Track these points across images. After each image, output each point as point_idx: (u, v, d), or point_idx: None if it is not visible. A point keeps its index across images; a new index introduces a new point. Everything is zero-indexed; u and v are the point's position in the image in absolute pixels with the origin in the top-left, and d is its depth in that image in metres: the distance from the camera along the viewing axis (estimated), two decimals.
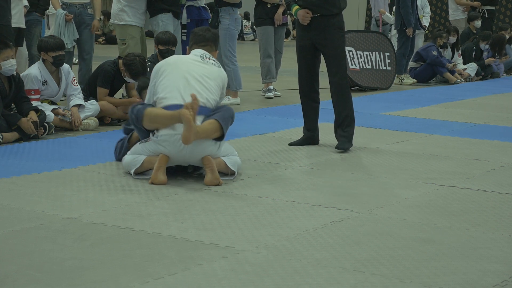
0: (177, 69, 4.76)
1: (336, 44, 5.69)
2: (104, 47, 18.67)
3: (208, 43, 5.00)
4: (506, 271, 3.11)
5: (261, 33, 8.89)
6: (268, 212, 3.95)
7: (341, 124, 5.75)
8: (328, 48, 5.69)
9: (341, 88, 5.77)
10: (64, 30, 7.69)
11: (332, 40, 5.68)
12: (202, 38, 4.99)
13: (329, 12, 5.65)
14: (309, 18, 5.67)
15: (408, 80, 11.24)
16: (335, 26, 5.69)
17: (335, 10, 5.67)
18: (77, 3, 7.95)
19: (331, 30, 5.67)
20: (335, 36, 5.69)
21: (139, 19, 7.89)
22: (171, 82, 4.70)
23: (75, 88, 6.54)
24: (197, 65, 4.81)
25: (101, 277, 2.94)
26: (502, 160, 5.45)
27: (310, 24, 5.70)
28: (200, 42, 4.99)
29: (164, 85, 4.72)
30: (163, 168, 4.56)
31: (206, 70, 4.80)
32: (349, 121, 5.76)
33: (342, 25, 5.76)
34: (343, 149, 5.63)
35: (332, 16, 5.67)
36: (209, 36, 5.02)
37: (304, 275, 3.01)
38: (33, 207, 3.93)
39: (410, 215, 3.95)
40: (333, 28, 5.68)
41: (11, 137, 5.77)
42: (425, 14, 12.45)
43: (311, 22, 5.69)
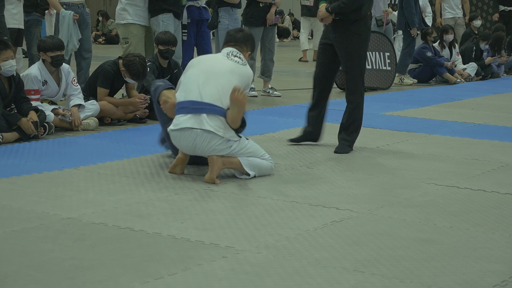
0: (201, 65, 4.90)
1: (350, 50, 5.63)
2: (104, 47, 18.68)
3: (237, 43, 5.04)
4: (506, 271, 3.11)
5: None
6: (268, 212, 3.95)
7: (346, 128, 5.74)
8: (342, 52, 5.66)
9: (353, 96, 5.73)
10: (73, 30, 7.68)
11: (347, 45, 5.63)
12: (232, 38, 5.07)
13: (347, 17, 5.61)
14: (330, 19, 5.64)
15: (408, 80, 11.24)
16: (353, 32, 5.62)
17: (354, 16, 5.61)
18: (78, 2, 7.95)
19: (348, 35, 5.63)
20: (351, 42, 5.62)
21: (141, 17, 7.88)
22: (192, 78, 4.82)
23: (75, 88, 6.55)
24: (220, 62, 4.91)
25: (101, 277, 2.94)
26: (502, 160, 5.45)
27: (332, 25, 5.69)
28: (230, 42, 5.07)
29: (186, 80, 4.85)
30: (180, 166, 4.81)
31: (228, 66, 4.85)
32: (356, 127, 5.74)
33: (362, 31, 5.66)
34: (341, 153, 5.61)
35: (351, 22, 5.62)
36: (240, 37, 5.07)
37: (304, 275, 3.01)
38: (33, 207, 3.94)
39: (410, 215, 3.95)
40: (351, 34, 5.62)
41: (11, 137, 5.77)
42: (427, 14, 12.46)
43: (333, 24, 5.68)
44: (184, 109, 4.70)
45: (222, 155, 4.66)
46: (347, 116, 5.75)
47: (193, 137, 4.62)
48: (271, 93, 9.13)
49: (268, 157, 4.84)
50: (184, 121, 4.66)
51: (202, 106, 4.65)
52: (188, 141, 4.65)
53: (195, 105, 4.67)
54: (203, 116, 4.62)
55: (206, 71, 4.81)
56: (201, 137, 4.61)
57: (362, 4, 5.60)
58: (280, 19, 22.75)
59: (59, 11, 7.79)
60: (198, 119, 4.62)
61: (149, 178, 4.68)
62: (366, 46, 5.76)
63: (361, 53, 5.70)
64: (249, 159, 4.73)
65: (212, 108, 4.64)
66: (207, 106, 4.65)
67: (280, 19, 23.07)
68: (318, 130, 5.90)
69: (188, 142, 4.65)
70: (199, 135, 4.61)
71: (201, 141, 4.62)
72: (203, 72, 4.80)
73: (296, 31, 25.87)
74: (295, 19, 26.01)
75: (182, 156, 4.80)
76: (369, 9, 5.76)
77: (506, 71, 13.07)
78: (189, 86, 4.77)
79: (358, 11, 5.61)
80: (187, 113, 4.67)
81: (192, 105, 4.68)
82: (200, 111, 4.64)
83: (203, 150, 4.66)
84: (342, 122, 5.79)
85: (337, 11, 5.58)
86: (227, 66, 4.84)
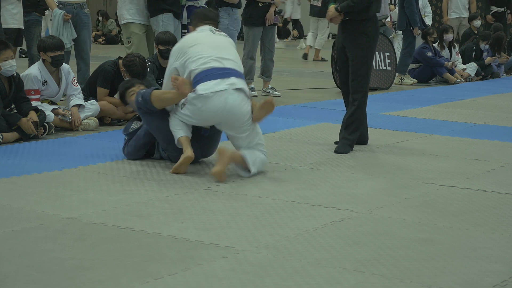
0: (203, 42, 4.95)
1: (357, 49, 5.66)
2: (104, 47, 18.68)
3: (211, 21, 5.20)
4: (506, 271, 3.11)
5: (249, 33, 8.90)
6: (268, 212, 3.95)
7: (347, 127, 5.73)
8: (350, 52, 5.69)
9: (355, 95, 5.72)
10: (62, 30, 7.68)
11: (354, 44, 5.66)
12: (205, 17, 5.21)
13: (357, 17, 5.65)
14: (339, 20, 5.69)
15: (408, 80, 11.23)
16: (360, 31, 5.66)
17: (364, 15, 5.65)
18: (74, 2, 7.95)
19: (356, 35, 5.66)
20: (358, 41, 5.66)
21: (141, 16, 7.91)
22: (202, 53, 4.86)
23: (75, 88, 6.55)
24: (216, 37, 5.05)
25: (101, 277, 2.94)
26: (502, 160, 5.45)
27: (341, 26, 5.75)
28: (205, 20, 5.18)
29: (194, 58, 4.85)
30: (185, 165, 4.80)
31: (225, 40, 5.06)
32: (357, 126, 5.73)
33: (369, 31, 5.69)
34: (342, 153, 5.61)
35: (359, 21, 5.66)
36: (212, 15, 5.27)
37: (304, 275, 3.01)
38: (33, 207, 3.94)
39: (410, 215, 3.95)
40: (358, 33, 5.66)
41: (11, 137, 5.77)
42: (427, 13, 12.46)
43: (342, 25, 5.72)
44: (209, 75, 4.77)
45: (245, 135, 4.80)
46: (349, 114, 5.75)
47: (225, 96, 4.72)
48: (271, 93, 9.13)
49: (264, 148, 4.95)
50: (214, 86, 4.74)
51: (228, 71, 4.82)
52: (219, 102, 4.70)
53: (221, 71, 4.80)
54: (232, 79, 4.79)
55: (212, 44, 4.93)
56: (233, 95, 4.74)
57: (371, 3, 5.64)
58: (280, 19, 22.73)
59: (53, 10, 7.80)
60: (228, 81, 4.77)
61: (149, 178, 4.68)
62: (373, 46, 5.78)
63: (368, 53, 5.72)
64: (253, 154, 4.79)
65: (237, 72, 4.86)
66: (232, 71, 4.84)
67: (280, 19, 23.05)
68: (365, 132, 5.91)
69: (220, 103, 4.70)
70: (231, 93, 4.74)
71: (234, 99, 4.73)
72: (209, 46, 4.91)
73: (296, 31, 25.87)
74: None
75: (190, 155, 4.77)
76: (378, 10, 5.79)
77: (506, 71, 13.07)
78: (203, 59, 4.82)
79: (366, 10, 5.65)
80: (214, 78, 4.76)
81: (217, 71, 4.79)
82: (228, 75, 4.80)
83: (235, 110, 4.73)
84: (344, 120, 5.78)
85: (346, 10, 5.62)
86: (224, 39, 5.05)
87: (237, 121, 4.78)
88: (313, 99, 8.96)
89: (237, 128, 4.82)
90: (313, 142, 6.01)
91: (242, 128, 4.81)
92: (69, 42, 7.81)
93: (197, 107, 4.74)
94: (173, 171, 4.81)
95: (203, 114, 4.76)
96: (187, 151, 4.78)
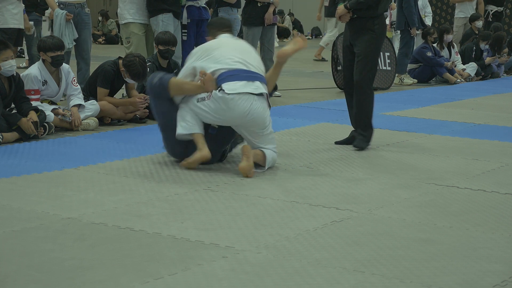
0: (228, 45, 5.02)
1: (364, 46, 5.69)
2: (104, 47, 18.68)
3: (230, 29, 5.28)
4: (506, 271, 3.11)
5: (248, 33, 8.90)
6: (268, 212, 3.95)
7: (359, 123, 5.79)
8: (357, 48, 5.73)
9: (360, 90, 5.74)
10: (65, 30, 7.69)
11: (361, 41, 5.69)
12: (222, 25, 5.27)
13: (364, 14, 5.68)
14: (348, 18, 5.72)
15: (408, 80, 11.23)
16: (368, 28, 5.69)
17: (372, 13, 5.68)
18: (75, 2, 7.96)
19: (364, 32, 5.70)
20: (365, 38, 5.69)
21: (140, 16, 7.92)
22: (226, 55, 4.92)
23: (75, 88, 6.55)
24: (239, 42, 5.15)
25: (101, 277, 2.94)
26: (502, 160, 5.45)
27: (349, 25, 5.78)
28: (224, 28, 5.25)
29: (216, 59, 4.89)
30: (198, 162, 4.86)
31: (245, 45, 5.14)
32: (367, 122, 5.78)
33: (377, 28, 5.71)
34: (360, 148, 5.68)
35: (367, 19, 5.69)
36: (228, 23, 5.34)
37: (304, 275, 3.01)
38: (33, 207, 3.93)
39: (410, 215, 3.95)
40: (366, 30, 5.70)
41: (11, 137, 5.77)
42: (427, 13, 12.47)
43: (350, 23, 5.76)
44: (235, 76, 4.82)
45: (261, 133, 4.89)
46: (357, 111, 5.78)
47: (250, 101, 4.78)
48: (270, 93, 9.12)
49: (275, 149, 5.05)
50: (241, 87, 4.79)
51: (254, 75, 4.88)
52: (246, 105, 4.76)
53: (247, 73, 4.86)
54: (257, 83, 4.85)
55: (236, 48, 5.00)
56: (258, 102, 4.80)
57: (379, 1, 5.67)
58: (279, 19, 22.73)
59: (54, 10, 7.81)
60: (253, 85, 4.83)
61: (149, 178, 4.68)
62: (379, 44, 5.82)
63: (373, 49, 5.75)
64: (271, 153, 4.93)
65: (262, 77, 4.92)
66: (258, 75, 4.90)
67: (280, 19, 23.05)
68: None
69: (245, 106, 4.76)
70: (256, 100, 4.80)
71: (258, 106, 4.80)
72: (233, 49, 4.97)
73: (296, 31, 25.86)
74: (295, 19, 26.01)
75: (207, 155, 4.82)
76: (386, 8, 5.82)
77: (506, 71, 13.07)
78: (227, 60, 4.87)
79: (375, 8, 5.69)
80: (240, 80, 4.81)
81: (243, 73, 4.84)
82: (253, 79, 4.86)
83: (258, 116, 4.80)
84: (356, 119, 5.82)
85: (355, 7, 5.66)
86: (246, 45, 5.14)
87: (258, 127, 4.86)
88: (313, 99, 8.96)
89: (255, 133, 4.91)
90: (313, 142, 6.01)
91: (259, 133, 4.91)
92: (71, 42, 7.82)
93: (221, 107, 4.78)
94: (184, 165, 4.89)
95: (226, 115, 4.80)
96: (204, 149, 4.83)
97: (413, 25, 10.93)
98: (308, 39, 15.56)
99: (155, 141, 5.51)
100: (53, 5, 7.86)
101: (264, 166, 4.89)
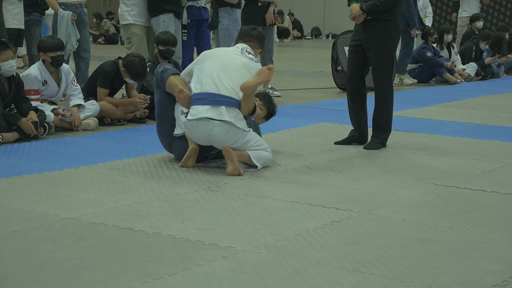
0: (216, 59, 5.01)
1: (380, 50, 5.66)
2: (104, 47, 18.69)
3: (252, 39, 5.26)
4: (506, 271, 3.11)
5: None
6: (268, 212, 3.95)
7: (377, 127, 5.79)
8: (372, 52, 5.69)
9: (381, 94, 5.76)
10: (71, 31, 7.69)
11: (378, 45, 5.66)
12: (246, 34, 5.28)
13: (381, 17, 5.64)
14: (362, 18, 5.67)
15: (408, 80, 11.24)
16: (385, 32, 5.66)
17: (388, 16, 5.65)
18: (77, 2, 7.96)
19: (380, 35, 5.66)
20: (382, 42, 5.66)
21: (142, 18, 7.94)
22: (207, 71, 4.95)
23: (75, 88, 6.55)
24: (235, 57, 5.04)
25: (101, 277, 2.94)
26: (502, 160, 5.45)
27: (363, 26, 5.71)
28: (245, 38, 5.27)
29: (201, 72, 4.97)
30: (192, 157, 4.96)
31: (242, 62, 5.01)
32: (387, 126, 5.79)
33: (393, 32, 5.69)
34: (370, 149, 5.70)
35: (383, 22, 5.66)
36: (254, 34, 5.30)
37: (304, 275, 3.01)
38: (33, 207, 3.93)
39: (410, 215, 3.95)
40: (382, 34, 5.66)
41: (11, 137, 5.77)
42: (427, 14, 12.46)
43: (363, 24, 5.70)
44: (202, 100, 4.85)
45: (234, 147, 4.84)
46: (377, 115, 5.78)
47: (210, 127, 4.79)
48: (271, 93, 9.13)
49: (269, 149, 5.05)
50: (203, 111, 4.81)
51: (220, 99, 4.83)
52: (205, 131, 4.80)
53: (214, 97, 4.84)
54: (222, 108, 4.81)
55: (222, 65, 4.95)
56: (219, 128, 4.79)
57: (396, 4, 5.64)
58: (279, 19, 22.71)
59: (57, 11, 7.80)
60: (217, 111, 4.81)
61: (149, 178, 4.68)
62: (396, 46, 5.83)
63: (393, 54, 5.77)
64: (256, 152, 4.92)
65: (230, 101, 4.84)
66: (225, 99, 4.84)
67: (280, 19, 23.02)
68: (365, 131, 5.91)
69: (205, 132, 4.80)
70: (217, 126, 4.79)
71: (218, 132, 4.78)
72: (218, 65, 4.95)
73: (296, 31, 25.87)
74: (295, 19, 26.01)
75: (195, 146, 4.93)
76: (401, 10, 5.80)
77: (506, 71, 13.07)
78: (205, 79, 4.92)
79: (391, 11, 5.65)
80: (205, 104, 4.83)
81: (210, 97, 4.84)
82: (218, 103, 4.82)
83: (219, 140, 4.82)
84: (374, 121, 5.81)
85: (372, 10, 5.61)
86: (241, 61, 5.01)
87: (222, 146, 4.87)
88: (313, 99, 8.96)
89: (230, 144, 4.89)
90: (313, 142, 6.01)
91: (234, 144, 4.87)
92: (76, 43, 7.83)
93: (188, 130, 4.91)
94: (181, 165, 4.97)
95: (191, 136, 4.92)
96: (191, 143, 4.94)
97: (414, 26, 10.94)
98: (308, 39, 15.51)
99: (155, 141, 5.51)
100: (56, 6, 7.85)
101: (254, 165, 4.89)
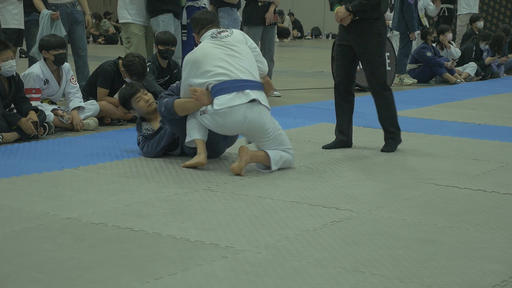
0: (209, 56, 4.94)
1: (372, 50, 5.62)
2: (104, 47, 18.68)
3: (213, 23, 5.19)
4: (506, 271, 3.11)
5: (249, 33, 8.88)
6: (268, 212, 3.95)
7: (387, 130, 5.77)
8: (364, 53, 5.65)
9: (379, 95, 5.72)
10: (50, 30, 7.64)
11: (368, 45, 5.62)
12: (205, 21, 5.18)
13: (368, 16, 5.61)
14: (349, 20, 5.62)
15: (408, 80, 11.24)
16: (374, 31, 5.63)
17: (375, 14, 5.62)
18: (67, 2, 7.96)
19: (369, 35, 5.62)
20: (372, 42, 5.62)
21: (141, 17, 7.95)
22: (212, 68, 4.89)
23: (73, 86, 6.56)
24: (220, 45, 4.99)
25: (101, 277, 2.94)
26: (502, 160, 5.45)
27: (350, 27, 5.66)
28: (207, 25, 5.18)
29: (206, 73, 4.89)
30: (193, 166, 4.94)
31: (230, 42, 5.00)
32: (395, 127, 5.76)
33: (382, 30, 5.67)
34: (389, 151, 5.68)
35: (371, 21, 5.62)
36: (210, 17, 5.23)
37: (304, 275, 3.01)
38: (33, 207, 3.93)
39: (410, 215, 3.95)
40: (371, 34, 5.62)
41: (11, 137, 5.77)
42: (429, 7, 12.49)
43: (351, 25, 5.65)
44: (224, 89, 4.82)
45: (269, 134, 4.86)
46: (383, 116, 5.75)
47: (243, 111, 4.77)
48: (271, 93, 9.12)
49: (291, 150, 5.02)
50: (230, 100, 4.79)
51: (242, 83, 4.84)
52: (238, 116, 4.78)
53: (235, 83, 4.82)
54: (247, 92, 4.81)
55: (221, 56, 4.91)
56: (252, 110, 4.78)
57: (381, 1, 5.61)
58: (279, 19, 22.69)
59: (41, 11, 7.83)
60: (243, 95, 4.80)
61: (149, 178, 4.68)
62: (385, 46, 5.83)
63: (384, 53, 5.75)
64: (278, 154, 4.90)
65: (252, 84, 4.86)
66: (247, 82, 4.85)
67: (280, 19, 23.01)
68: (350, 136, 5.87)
69: (238, 117, 4.78)
70: (250, 107, 4.78)
71: (252, 112, 4.78)
72: (218, 58, 4.91)
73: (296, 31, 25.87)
74: (295, 19, 26.02)
75: (203, 161, 4.90)
76: (387, 7, 5.78)
77: (506, 71, 13.07)
78: (216, 73, 4.86)
79: (377, 9, 5.62)
80: (230, 91, 4.81)
81: (232, 84, 4.81)
82: (243, 88, 4.82)
83: (256, 122, 4.81)
84: (381, 123, 5.78)
85: (358, 9, 5.57)
86: (229, 42, 4.99)
87: (260, 131, 4.87)
88: (313, 99, 8.96)
89: (260, 137, 4.92)
90: (313, 142, 6.01)
91: (265, 137, 4.90)
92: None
93: (218, 123, 4.85)
94: (184, 166, 4.96)
95: (225, 128, 4.88)
96: (200, 156, 4.90)
97: (413, 30, 10.99)
98: (308, 39, 15.52)
99: None
100: (40, 6, 7.86)
101: (270, 166, 4.88)
